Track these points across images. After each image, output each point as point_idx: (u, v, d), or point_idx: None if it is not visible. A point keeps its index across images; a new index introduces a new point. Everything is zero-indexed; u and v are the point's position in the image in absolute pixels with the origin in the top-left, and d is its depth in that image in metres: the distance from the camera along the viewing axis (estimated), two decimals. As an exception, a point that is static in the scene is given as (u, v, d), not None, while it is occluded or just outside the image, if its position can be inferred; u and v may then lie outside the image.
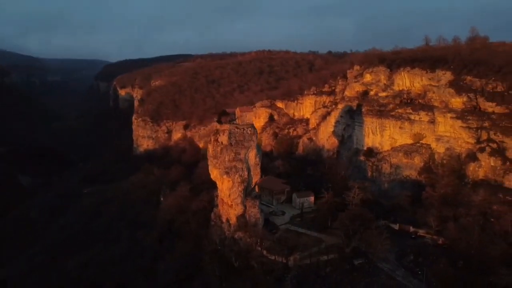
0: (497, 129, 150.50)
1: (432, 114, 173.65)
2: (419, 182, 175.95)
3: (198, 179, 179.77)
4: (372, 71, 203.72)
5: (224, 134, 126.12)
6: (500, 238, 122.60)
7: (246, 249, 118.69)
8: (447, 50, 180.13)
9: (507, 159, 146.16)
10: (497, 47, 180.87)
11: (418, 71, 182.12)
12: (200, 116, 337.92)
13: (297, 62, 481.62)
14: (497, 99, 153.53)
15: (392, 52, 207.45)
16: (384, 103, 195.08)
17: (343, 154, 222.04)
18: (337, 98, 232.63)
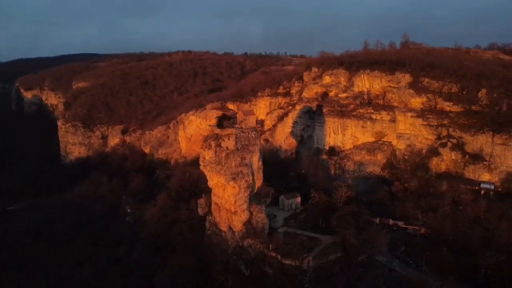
0: (455, 126, 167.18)
1: (393, 114, 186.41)
2: (383, 177, 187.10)
3: (177, 187, 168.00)
4: (331, 73, 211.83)
5: (230, 139, 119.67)
6: (475, 224, 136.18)
7: (258, 256, 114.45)
8: (401, 54, 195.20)
9: (466, 152, 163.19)
10: (442, 51, 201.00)
11: (378, 74, 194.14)
12: (140, 119, 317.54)
13: (228, 63, 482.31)
14: (454, 99, 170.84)
15: (349, 55, 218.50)
16: (345, 104, 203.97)
17: (302, 154, 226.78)
18: (293, 100, 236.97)
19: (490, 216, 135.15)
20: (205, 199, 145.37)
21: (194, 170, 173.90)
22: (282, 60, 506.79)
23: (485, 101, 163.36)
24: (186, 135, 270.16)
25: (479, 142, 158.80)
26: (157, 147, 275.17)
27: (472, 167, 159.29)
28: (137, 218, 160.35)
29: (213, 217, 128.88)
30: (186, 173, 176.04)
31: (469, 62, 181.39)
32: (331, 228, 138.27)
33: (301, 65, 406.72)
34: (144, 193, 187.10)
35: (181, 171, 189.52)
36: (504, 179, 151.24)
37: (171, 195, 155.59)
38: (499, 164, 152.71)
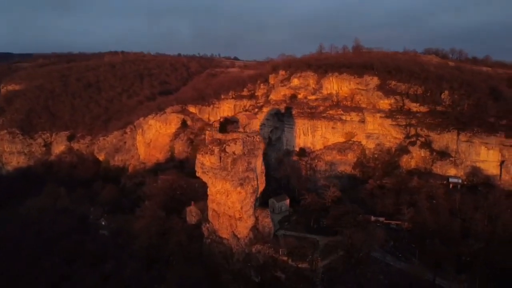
0: (423, 126, 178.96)
1: (362, 115, 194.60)
2: (354, 175, 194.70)
3: (163, 196, 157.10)
4: (300, 76, 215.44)
5: (237, 144, 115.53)
6: (452, 215, 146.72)
7: (267, 261, 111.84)
8: (367, 58, 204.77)
9: (434, 150, 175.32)
10: (402, 55, 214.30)
11: (346, 76, 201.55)
12: (88, 125, 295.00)
13: (172, 64, 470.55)
14: (420, 100, 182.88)
15: (316, 58, 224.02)
16: (314, 106, 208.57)
17: (271, 156, 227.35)
18: (259, 102, 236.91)
19: (465, 207, 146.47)
20: (196, 207, 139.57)
21: (175, 177, 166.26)
22: (216, 62, 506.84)
23: (448, 102, 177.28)
24: (145, 140, 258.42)
25: (445, 140, 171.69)
26: (113, 154, 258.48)
27: (440, 163, 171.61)
28: (114, 231, 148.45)
29: (211, 225, 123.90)
30: (172, 182, 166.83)
31: (429, 65, 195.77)
32: (324, 228, 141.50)
33: (246, 67, 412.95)
34: (113, 204, 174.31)
35: (163, 179, 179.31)
36: (469, 173, 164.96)
37: (159, 204, 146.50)
38: (464, 160, 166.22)
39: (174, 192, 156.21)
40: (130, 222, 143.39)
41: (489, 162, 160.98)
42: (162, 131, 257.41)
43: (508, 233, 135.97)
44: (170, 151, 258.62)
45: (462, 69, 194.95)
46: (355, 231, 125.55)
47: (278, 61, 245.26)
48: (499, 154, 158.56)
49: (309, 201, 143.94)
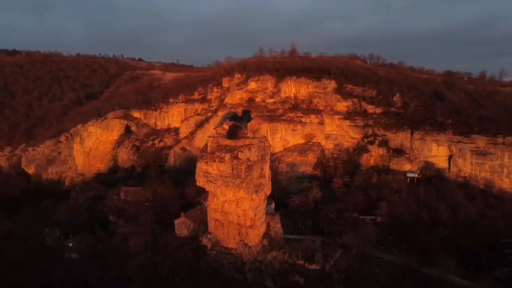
0: (379, 126, 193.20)
1: (321, 117, 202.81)
2: (315, 175, 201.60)
3: (151, 209, 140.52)
4: (258, 79, 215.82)
5: (252, 150, 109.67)
6: (419, 206, 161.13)
7: (283, 267, 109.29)
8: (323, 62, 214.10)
9: (390, 148, 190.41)
10: (352, 61, 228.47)
11: (305, 80, 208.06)
12: (6, 133, 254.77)
13: (88, 66, 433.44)
14: (375, 102, 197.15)
15: (272, 62, 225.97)
16: (273, 109, 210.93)
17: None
18: (212, 106, 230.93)
19: (428, 198, 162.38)
20: (187, 219, 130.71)
21: (162, 188, 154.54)
22: (120, 63, 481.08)
23: (399, 104, 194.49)
24: (84, 149, 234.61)
25: (400, 138, 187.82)
26: (45, 166, 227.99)
27: (396, 160, 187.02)
28: (88, 253, 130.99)
29: (214, 236, 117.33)
30: (161, 193, 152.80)
31: (379, 70, 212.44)
32: (311, 228, 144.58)
33: (168, 69, 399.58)
34: (72, 223, 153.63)
35: (133, 191, 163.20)
36: (422, 167, 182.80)
37: (152, 218, 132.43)
38: (417, 156, 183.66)
39: (165, 204, 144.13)
40: (108, 240, 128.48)
41: (439, 157, 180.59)
42: (103, 139, 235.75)
43: (469, 219, 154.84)
44: (112, 160, 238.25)
45: (405, 74, 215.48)
46: (351, 229, 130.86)
47: (232, 64, 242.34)
48: (448, 150, 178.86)
49: (297, 203, 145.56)
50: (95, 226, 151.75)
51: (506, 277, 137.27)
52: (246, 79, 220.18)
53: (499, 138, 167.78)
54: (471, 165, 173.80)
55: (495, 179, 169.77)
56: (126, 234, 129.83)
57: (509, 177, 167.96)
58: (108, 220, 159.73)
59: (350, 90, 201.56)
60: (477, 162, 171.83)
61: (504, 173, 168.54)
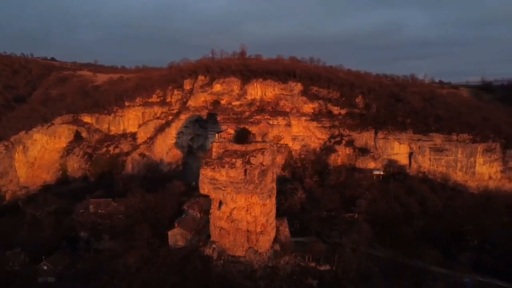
0: (344, 126, 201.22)
1: (288, 119, 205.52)
2: (284, 176, 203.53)
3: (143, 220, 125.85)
4: (223, 81, 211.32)
5: (265, 154, 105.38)
6: (392, 201, 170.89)
7: (297, 271, 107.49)
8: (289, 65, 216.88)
9: (356, 147, 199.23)
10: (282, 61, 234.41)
11: (271, 82, 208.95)
12: None
13: (7, 65, 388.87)
14: (340, 104, 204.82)
15: (236, 63, 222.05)
16: (239, 111, 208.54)
17: (192, 165, 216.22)
18: (173, 109, 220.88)
19: (399, 194, 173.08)
20: (182, 228, 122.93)
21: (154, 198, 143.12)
22: (42, 63, 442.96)
23: (362, 105, 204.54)
24: (27, 159, 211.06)
25: (365, 138, 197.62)
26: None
27: (362, 159, 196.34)
28: (66, 275, 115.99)
29: (219, 245, 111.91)
30: (155, 202, 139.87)
31: (340, 73, 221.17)
32: (300, 230, 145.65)
33: (98, 71, 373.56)
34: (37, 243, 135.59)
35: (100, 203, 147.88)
36: (386, 165, 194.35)
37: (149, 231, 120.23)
38: (381, 154, 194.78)
39: (158, 215, 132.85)
40: (91, 258, 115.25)
41: (401, 154, 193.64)
42: (50, 147, 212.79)
43: (436, 211, 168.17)
44: (61, 170, 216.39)
45: (362, 77, 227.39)
46: (348, 228, 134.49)
47: (195, 65, 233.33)
48: (408, 147, 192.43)
49: (286, 205, 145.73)
50: (63, 244, 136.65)
51: (469, 261, 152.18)
52: (210, 81, 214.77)
53: (453, 135, 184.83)
54: (429, 161, 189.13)
55: (450, 173, 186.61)
56: (115, 250, 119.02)
57: (462, 171, 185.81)
58: (79, 237, 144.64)
59: (315, 92, 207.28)
60: (435, 158, 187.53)
61: (458, 167, 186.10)
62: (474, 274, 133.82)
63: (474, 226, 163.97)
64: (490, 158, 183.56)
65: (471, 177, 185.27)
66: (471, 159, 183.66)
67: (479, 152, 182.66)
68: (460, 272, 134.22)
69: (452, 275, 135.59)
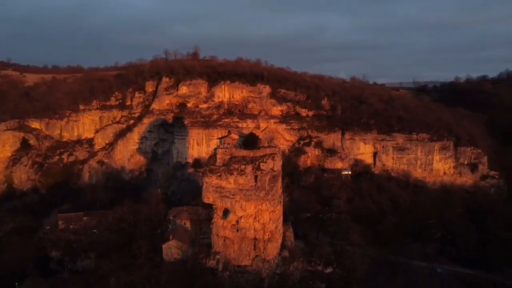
0: (313, 128, 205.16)
1: (257, 121, 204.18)
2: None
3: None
4: (190, 83, 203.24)
5: (275, 159, 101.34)
6: (366, 199, 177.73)
7: (307, 276, 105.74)
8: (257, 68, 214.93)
9: (324, 149, 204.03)
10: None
11: (239, 85, 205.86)
12: None
13: None
14: (308, 106, 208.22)
15: (201, 65, 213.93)
16: (207, 114, 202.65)
17: (157, 171, 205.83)
18: (135, 112, 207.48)
19: (371, 192, 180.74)
20: (178, 240, 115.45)
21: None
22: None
23: (327, 107, 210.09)
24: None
25: (332, 139, 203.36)
26: None
27: (330, 159, 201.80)
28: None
29: (223, 255, 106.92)
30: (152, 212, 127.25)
31: (306, 76, 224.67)
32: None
33: (27, 70, 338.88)
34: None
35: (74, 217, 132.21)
36: (352, 164, 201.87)
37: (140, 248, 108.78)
38: (348, 154, 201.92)
39: (149, 227, 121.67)
40: (78, 281, 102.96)
41: (366, 154, 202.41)
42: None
43: (405, 207, 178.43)
44: (6, 182, 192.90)
45: (326, 80, 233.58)
46: (337, 230, 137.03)
47: (158, 66, 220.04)
48: (373, 147, 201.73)
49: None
50: (30, 267, 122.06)
51: (435, 252, 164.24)
52: (175, 83, 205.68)
53: (413, 135, 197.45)
54: (392, 159, 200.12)
55: (411, 170, 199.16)
56: (107, 270, 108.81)
57: (421, 168, 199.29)
58: (50, 257, 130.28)
59: (283, 94, 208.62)
60: (397, 156, 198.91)
61: (418, 165, 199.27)
62: (444, 264, 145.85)
63: (437, 219, 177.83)
64: (445, 155, 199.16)
65: (429, 174, 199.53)
66: (429, 156, 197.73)
67: (436, 150, 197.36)
68: (435, 263, 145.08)
69: (426, 266, 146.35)
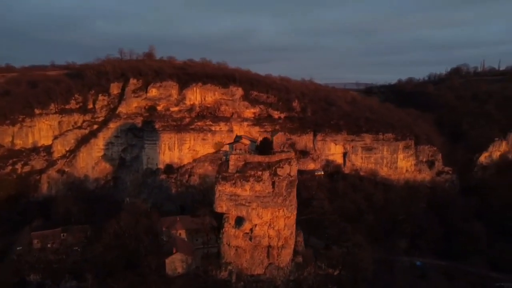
0: (285, 130, 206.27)
1: (230, 124, 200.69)
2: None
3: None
4: (160, 85, 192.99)
5: (292, 164, 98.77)
6: (344, 199, 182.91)
7: (319, 280, 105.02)
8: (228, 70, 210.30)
9: (297, 150, 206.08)
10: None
11: (211, 87, 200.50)
12: None
13: None
14: (280, 108, 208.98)
15: (170, 66, 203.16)
16: (179, 118, 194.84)
17: (125, 179, 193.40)
18: (98, 116, 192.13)
19: (346, 191, 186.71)
20: (182, 253, 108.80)
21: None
22: None
23: (298, 109, 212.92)
24: None
25: (304, 140, 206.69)
26: None
27: (302, 160, 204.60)
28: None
29: (235, 266, 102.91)
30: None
31: (276, 78, 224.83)
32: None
33: None
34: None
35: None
36: (324, 165, 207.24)
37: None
38: (320, 155, 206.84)
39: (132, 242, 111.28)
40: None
41: (337, 154, 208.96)
42: None
43: (380, 206, 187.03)
44: None
45: (293, 82, 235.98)
46: (334, 232, 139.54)
47: (124, 67, 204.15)
48: (343, 148, 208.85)
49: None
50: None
51: (406, 246, 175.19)
52: (144, 85, 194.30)
53: (380, 135, 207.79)
54: (361, 159, 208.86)
55: (378, 168, 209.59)
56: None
57: (387, 166, 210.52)
58: (26, 282, 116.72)
59: (256, 97, 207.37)
60: (366, 156, 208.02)
61: (384, 163, 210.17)
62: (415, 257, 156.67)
63: (406, 215, 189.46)
64: (407, 153, 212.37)
65: (394, 171, 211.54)
66: (394, 155, 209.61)
67: (400, 149, 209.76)
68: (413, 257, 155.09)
69: (407, 261, 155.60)
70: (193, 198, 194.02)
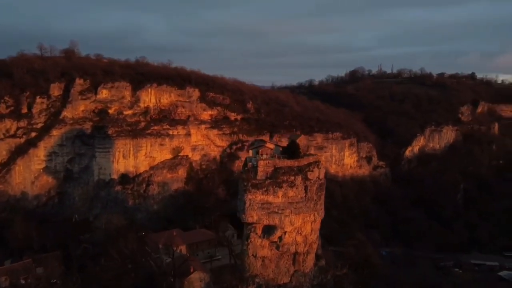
0: (243, 132, 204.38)
1: (188, 128, 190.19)
2: (188, 191, 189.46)
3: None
4: (112, 86, 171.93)
5: (320, 167, 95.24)
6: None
7: (339, 282, 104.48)
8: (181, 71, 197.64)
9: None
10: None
11: (167, 88, 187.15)
12: None
13: None
14: (236, 109, 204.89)
15: (121, 65, 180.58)
16: (133, 122, 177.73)
17: (73, 194, 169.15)
18: (37, 122, 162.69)
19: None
20: (201, 271, 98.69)
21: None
22: None
23: (252, 110, 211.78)
24: None
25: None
26: None
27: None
28: None
29: (262, 277, 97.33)
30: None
31: (228, 80, 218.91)
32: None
33: None
34: None
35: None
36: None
37: None
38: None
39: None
40: None
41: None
42: None
43: (340, 202, 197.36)
44: None
45: (242, 83, 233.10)
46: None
47: (64, 65, 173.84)
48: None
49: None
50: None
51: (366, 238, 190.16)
52: (92, 86, 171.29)
53: (329, 134, 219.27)
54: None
55: (328, 166, 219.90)
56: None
57: (336, 164, 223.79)
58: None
59: (212, 98, 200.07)
60: (318, 154, 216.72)
61: (333, 161, 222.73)
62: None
63: (359, 209, 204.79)
64: (352, 151, 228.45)
65: (341, 168, 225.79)
66: (342, 153, 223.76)
67: (346, 147, 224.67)
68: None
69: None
70: (148, 208, 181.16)
